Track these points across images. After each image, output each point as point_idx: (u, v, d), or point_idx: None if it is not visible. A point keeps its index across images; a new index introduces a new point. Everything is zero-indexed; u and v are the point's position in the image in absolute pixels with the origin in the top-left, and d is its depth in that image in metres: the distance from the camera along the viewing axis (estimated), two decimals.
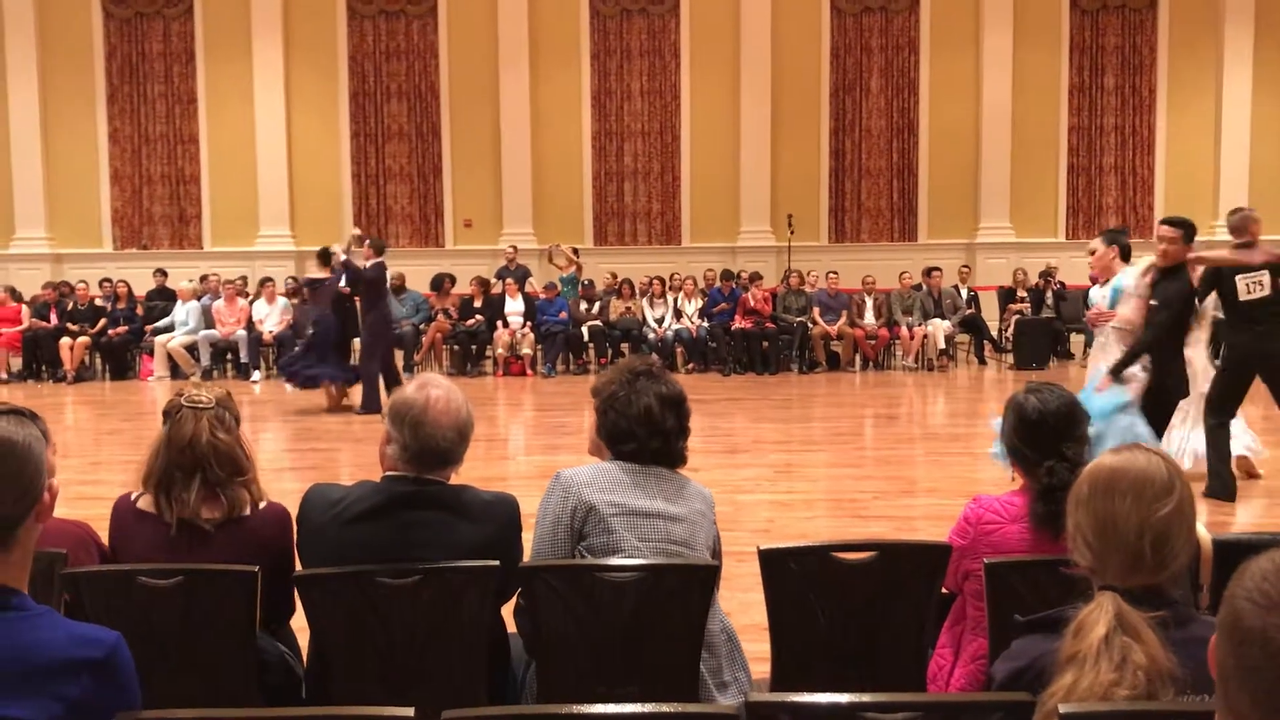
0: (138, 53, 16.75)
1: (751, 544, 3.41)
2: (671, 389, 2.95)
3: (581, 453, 8.63)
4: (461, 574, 2.63)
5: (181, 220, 16.97)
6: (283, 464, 8.86)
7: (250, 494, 2.85)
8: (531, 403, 12.13)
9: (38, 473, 1.82)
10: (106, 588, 2.61)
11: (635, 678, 2.64)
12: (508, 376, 13.93)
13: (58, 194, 16.67)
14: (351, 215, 16.84)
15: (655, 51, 16.78)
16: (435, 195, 16.98)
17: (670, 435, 2.91)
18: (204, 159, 16.84)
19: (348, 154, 16.84)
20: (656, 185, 16.94)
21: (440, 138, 16.83)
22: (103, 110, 16.70)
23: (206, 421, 2.82)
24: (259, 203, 16.62)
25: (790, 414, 11.09)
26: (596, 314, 14.46)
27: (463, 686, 2.63)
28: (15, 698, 1.70)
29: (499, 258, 15.74)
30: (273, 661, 2.80)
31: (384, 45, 16.74)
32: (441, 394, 2.75)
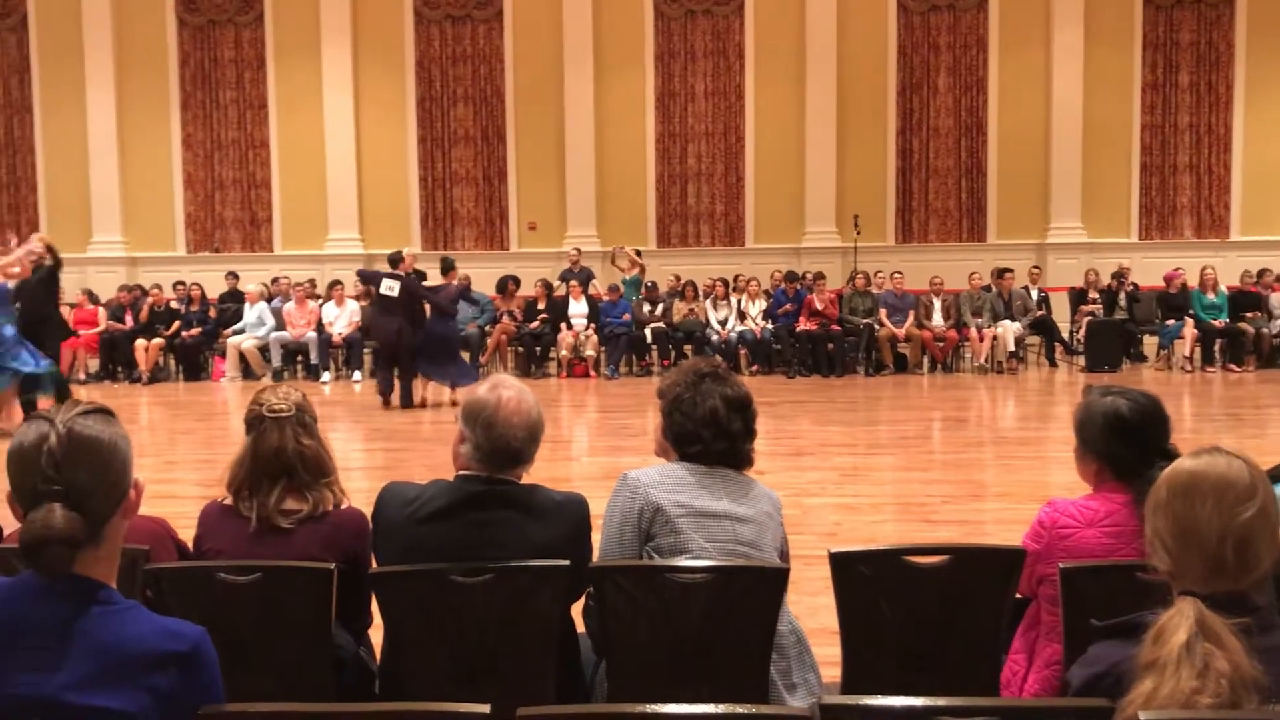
0: (210, 59, 17.09)
1: (819, 547, 3.39)
2: (737, 391, 2.95)
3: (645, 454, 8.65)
4: (532, 573, 2.65)
5: (253, 224, 17.28)
6: (353, 463, 8.99)
7: (332, 494, 2.93)
8: (595, 404, 12.17)
9: (124, 470, 1.87)
10: (187, 584, 2.67)
11: (705, 679, 2.64)
12: (571, 378, 13.99)
13: (133, 198, 17.07)
14: (419, 219, 17.05)
15: (719, 52, 16.75)
16: (500, 198, 17.12)
17: (736, 437, 2.92)
18: (274, 163, 17.14)
19: (415, 158, 17.03)
20: (720, 186, 16.91)
21: (505, 141, 16.96)
22: (176, 116, 17.07)
23: (290, 430, 2.90)
24: (328, 206, 16.88)
25: (856, 417, 11.01)
26: (659, 316, 14.47)
27: (533, 685, 2.65)
28: (108, 689, 1.75)
29: (563, 260, 15.82)
30: (348, 658, 2.84)
31: (450, 50, 16.91)
32: (513, 395, 2.78)
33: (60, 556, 1.80)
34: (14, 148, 17.35)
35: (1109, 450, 2.85)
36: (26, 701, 1.75)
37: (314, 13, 16.65)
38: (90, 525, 1.81)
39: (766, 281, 15.04)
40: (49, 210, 17.24)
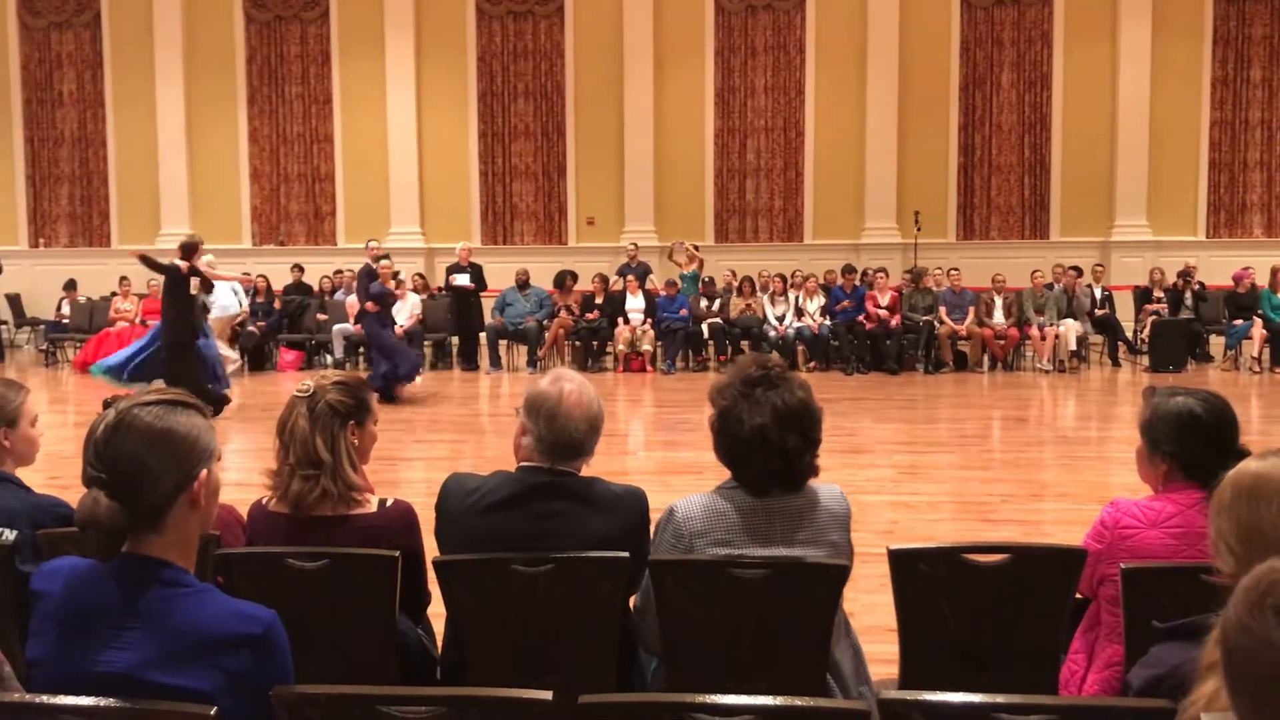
0: (276, 55, 17.36)
1: (876, 545, 3.38)
2: (792, 399, 2.67)
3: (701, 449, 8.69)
4: (593, 564, 2.68)
5: (316, 217, 17.54)
6: (411, 454, 9.10)
7: (334, 488, 2.79)
8: (651, 399, 12.20)
9: (181, 460, 1.89)
10: (255, 569, 2.73)
11: (763, 674, 2.66)
12: (628, 373, 14.04)
13: (201, 191, 17.40)
14: (478, 213, 17.18)
15: (780, 47, 16.70)
16: (559, 193, 17.20)
17: (791, 455, 2.66)
18: (338, 157, 17.38)
19: (475, 152, 17.18)
20: (779, 182, 16.86)
21: (565, 136, 17.05)
22: (243, 111, 17.37)
23: (303, 408, 2.83)
24: (390, 200, 17.08)
25: (915, 414, 10.93)
26: (717, 311, 14.47)
27: (593, 674, 2.68)
28: (184, 669, 1.81)
29: (620, 255, 15.87)
30: (411, 644, 2.89)
31: (511, 45, 17.03)
32: (574, 387, 2.81)
33: (100, 542, 1.85)
34: (87, 142, 17.75)
35: (1182, 451, 2.81)
36: (108, 678, 1.81)
37: (378, 9, 16.84)
38: (141, 513, 1.86)
39: (823, 277, 14.98)
40: (119, 202, 17.64)
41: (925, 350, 14.02)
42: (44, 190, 17.89)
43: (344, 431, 2.85)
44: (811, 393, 2.79)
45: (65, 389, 12.94)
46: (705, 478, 7.74)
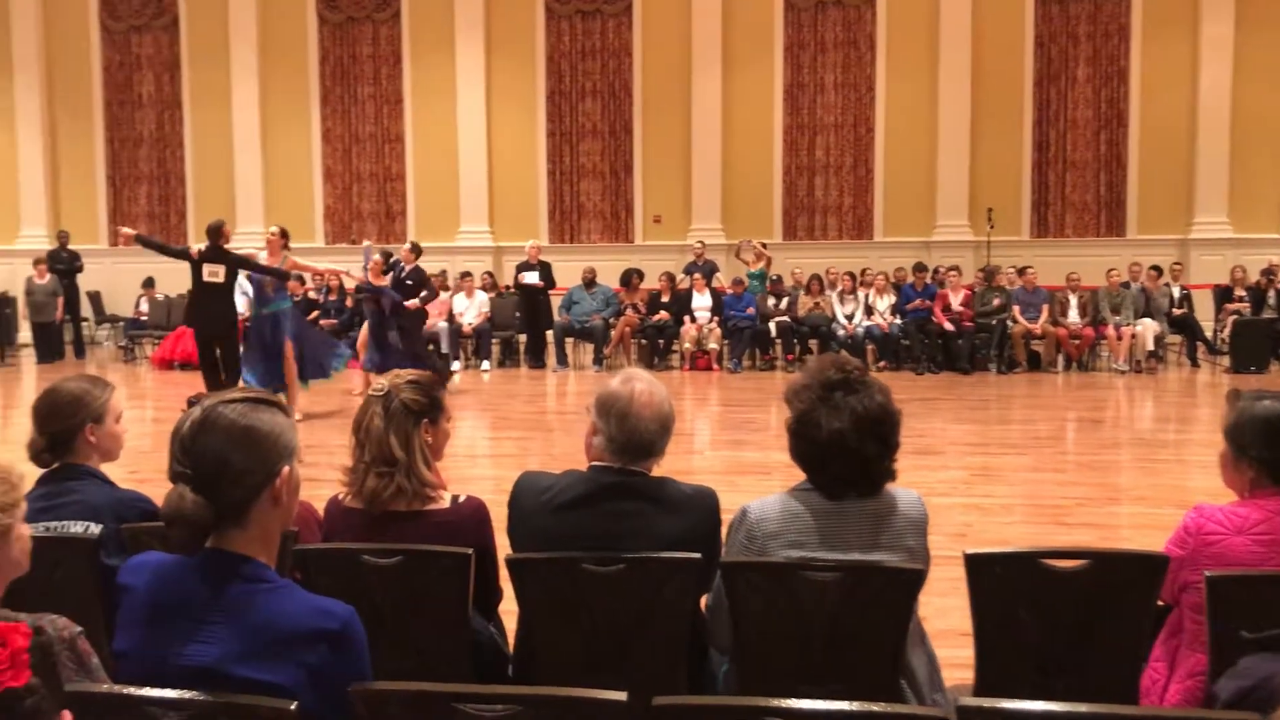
0: (349, 56, 17.60)
1: (948, 548, 3.34)
2: (872, 404, 2.65)
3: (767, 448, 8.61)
4: (664, 565, 2.67)
5: (388, 216, 17.76)
6: (479, 451, 9.18)
7: (408, 485, 2.83)
8: (717, 398, 12.16)
9: (263, 457, 1.93)
10: (332, 565, 2.77)
11: (836, 678, 2.63)
12: (694, 371, 14.02)
13: (275, 191, 17.70)
14: (546, 211, 17.26)
15: (850, 43, 16.56)
16: (626, 192, 17.23)
17: (870, 460, 2.64)
18: (409, 157, 17.57)
19: (544, 151, 17.27)
20: (849, 179, 16.72)
21: (632, 135, 17.07)
22: (316, 111, 17.64)
23: (379, 408, 2.88)
24: (460, 199, 17.23)
25: (988, 415, 10.77)
26: (785, 310, 14.39)
27: (663, 675, 2.67)
28: (265, 663, 1.84)
29: (687, 253, 15.85)
30: (483, 641, 2.91)
31: (580, 44, 17.09)
32: (645, 387, 2.81)
33: (185, 537, 1.89)
34: (164, 142, 18.15)
35: (1271, 456, 2.73)
36: (193, 671, 1.85)
37: (448, 9, 17.00)
38: (225, 508, 1.89)
39: (893, 276, 14.84)
40: (196, 202, 18.01)
41: (998, 350, 13.80)
42: (123, 190, 18.33)
43: (418, 430, 2.89)
44: (891, 397, 2.75)
45: (144, 385, 13.23)
46: (772, 478, 7.72)
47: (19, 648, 1.25)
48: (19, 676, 1.25)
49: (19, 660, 1.25)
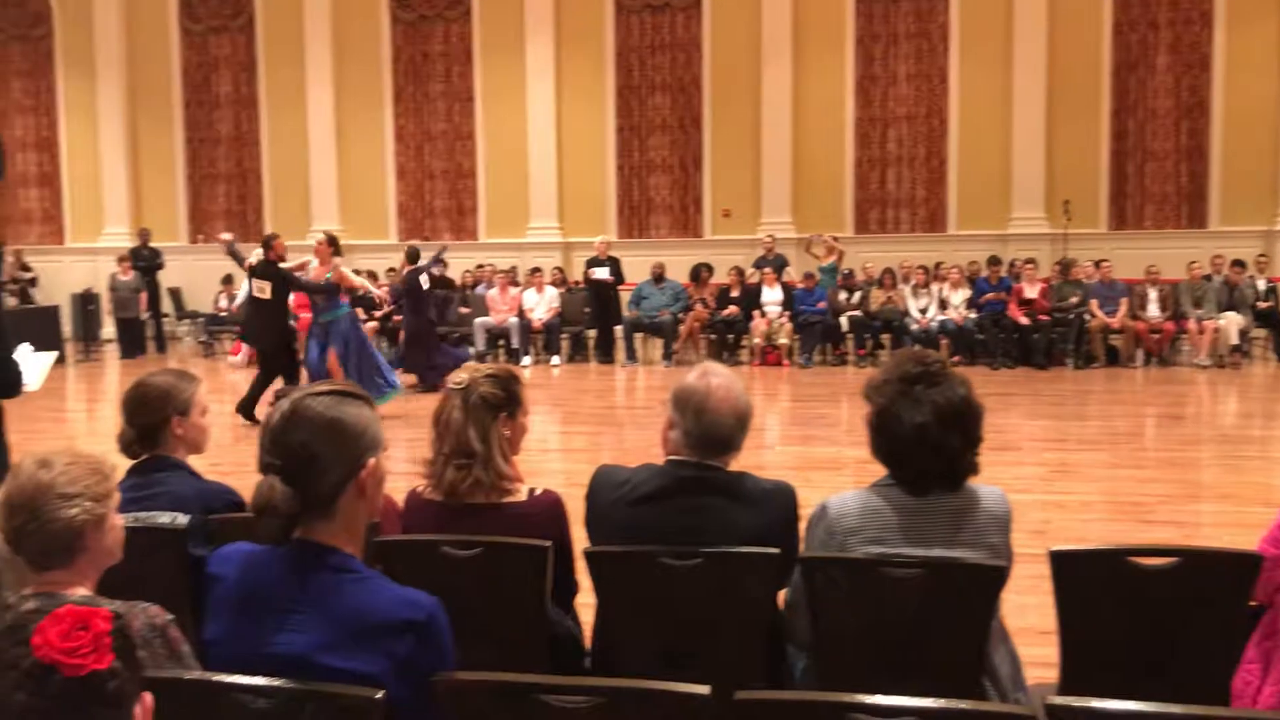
0: (420, 54, 17.78)
1: (1026, 545, 3.28)
2: (954, 396, 2.60)
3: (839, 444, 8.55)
4: (742, 559, 2.66)
5: (459, 213, 17.92)
6: (550, 445, 9.23)
7: (486, 478, 2.85)
8: (788, 393, 12.09)
9: (349, 449, 1.96)
10: (412, 556, 2.79)
11: (916, 676, 2.60)
12: (764, 366, 13.95)
13: (349, 188, 17.95)
14: (615, 206, 17.29)
15: (923, 34, 16.34)
16: (695, 186, 17.19)
17: (953, 454, 2.60)
18: (479, 154, 17.70)
19: (613, 147, 17.29)
20: (922, 171, 16.50)
21: (701, 129, 17.02)
22: (389, 110, 17.85)
23: (458, 400, 2.90)
24: (530, 195, 17.32)
25: (1065, 411, 10.57)
26: (857, 304, 14.26)
27: (741, 670, 2.66)
28: (352, 652, 1.86)
29: (757, 247, 15.77)
30: (561, 633, 2.92)
31: (649, 39, 17.08)
32: (722, 382, 2.80)
33: (273, 527, 1.92)
34: (242, 141, 18.50)
35: None
36: (283, 660, 1.88)
37: (519, 6, 17.09)
38: (313, 500, 1.92)
39: (967, 269, 14.62)
40: (273, 200, 18.33)
41: (1075, 344, 13.53)
42: (202, 188, 18.72)
43: (495, 423, 2.91)
44: (973, 389, 2.70)
45: (223, 379, 13.49)
46: (844, 474, 7.67)
47: (101, 631, 1.30)
48: (102, 659, 1.29)
49: (101, 644, 1.29)
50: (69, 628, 1.29)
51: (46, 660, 1.27)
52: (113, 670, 1.30)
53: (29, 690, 1.28)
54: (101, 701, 1.29)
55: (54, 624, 1.29)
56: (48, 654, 1.27)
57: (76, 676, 1.28)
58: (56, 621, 1.29)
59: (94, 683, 1.28)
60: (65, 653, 1.27)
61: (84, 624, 1.29)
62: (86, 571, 2.12)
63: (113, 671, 1.30)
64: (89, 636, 1.29)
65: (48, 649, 1.27)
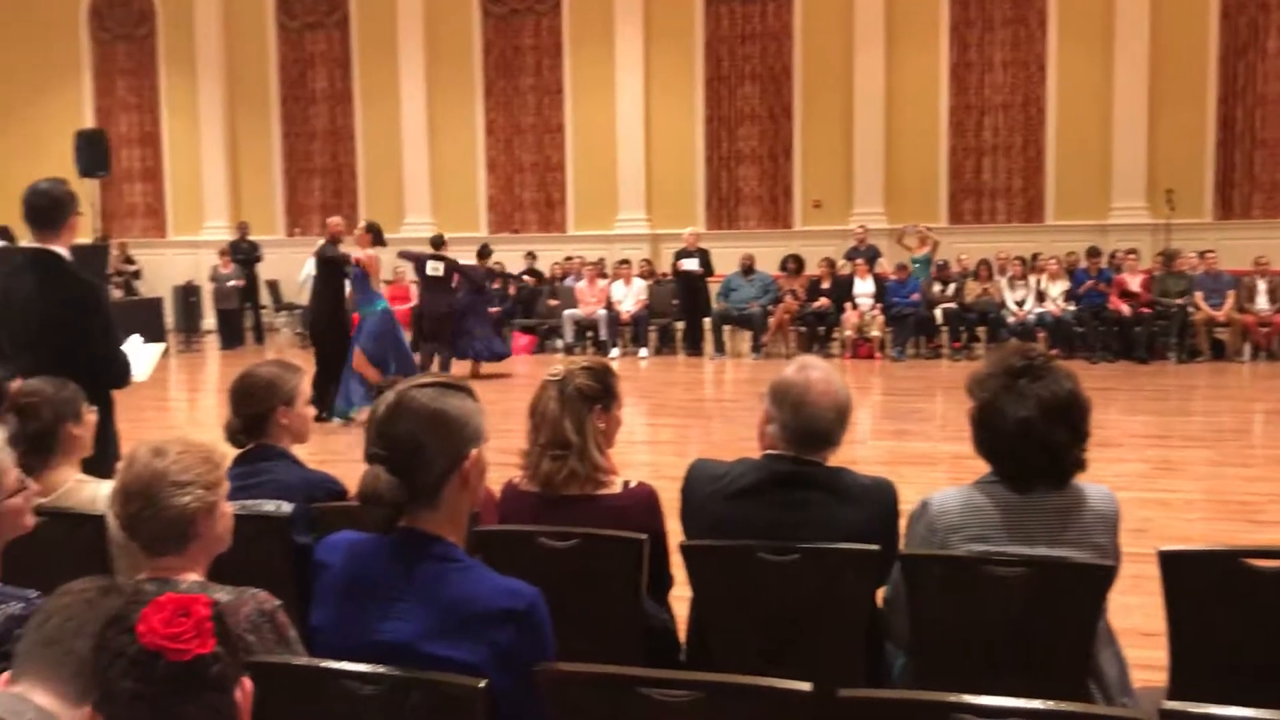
0: (511, 48, 17.92)
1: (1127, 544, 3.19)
2: (1060, 390, 2.53)
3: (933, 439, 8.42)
4: (841, 556, 2.63)
5: (548, 205, 18.03)
6: (637, 437, 9.24)
7: (581, 469, 2.86)
8: (880, 386, 11.95)
9: (453, 441, 1.98)
10: (509, 547, 2.82)
11: (1019, 677, 2.54)
12: (855, 359, 13.81)
13: (441, 182, 18.18)
14: (703, 198, 17.24)
15: (1019, 20, 15.97)
16: (785, 176, 17.06)
17: (1058, 450, 2.52)
18: (568, 147, 17.79)
19: (701, 138, 17.23)
20: (1018, 160, 16.15)
21: (792, 118, 16.87)
22: (480, 104, 18.02)
23: (553, 391, 2.91)
24: (618, 187, 17.36)
25: (1168, 406, 10.29)
26: (951, 296, 14.03)
27: (839, 667, 2.63)
28: (455, 640, 1.88)
29: (848, 238, 15.61)
30: (656, 626, 2.92)
31: (739, 29, 16.98)
32: (821, 375, 2.76)
33: (380, 516, 1.95)
34: (336, 136, 18.85)
35: None
36: (388, 647, 1.91)
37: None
38: (418, 489, 1.94)
39: (1065, 260, 14.29)
40: (366, 193, 18.65)
41: (1179, 338, 13.13)
42: (299, 182, 19.11)
43: (591, 415, 2.92)
44: (1078, 382, 2.62)
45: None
46: (938, 469, 7.55)
47: (203, 616, 1.34)
48: (205, 644, 1.33)
49: (203, 629, 1.33)
50: (171, 614, 1.32)
51: (151, 647, 1.31)
52: (215, 654, 1.33)
53: (136, 677, 1.31)
54: (205, 685, 1.32)
55: (156, 611, 1.32)
56: (152, 640, 1.31)
57: (181, 661, 1.31)
58: (159, 609, 1.32)
59: (198, 667, 1.32)
60: (169, 638, 1.31)
61: (185, 610, 1.32)
62: (198, 558, 2.18)
63: (215, 655, 1.33)
64: (191, 622, 1.32)
65: (152, 636, 1.31)
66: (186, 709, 1.32)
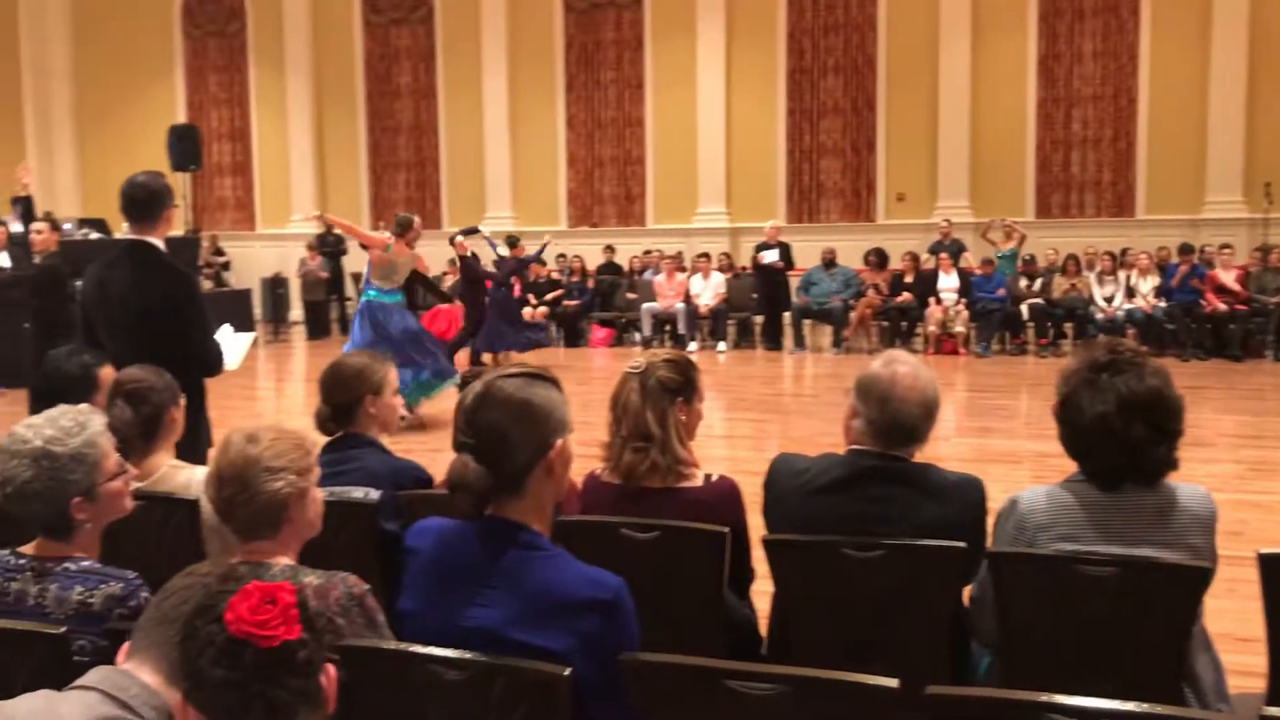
0: (593, 42, 17.97)
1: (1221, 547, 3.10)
2: (1141, 386, 2.46)
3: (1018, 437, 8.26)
4: (926, 552, 2.60)
5: (627, 199, 18.06)
6: (715, 431, 9.20)
7: (663, 461, 2.84)
8: (964, 383, 11.76)
9: (545, 429, 1.99)
10: (592, 537, 2.82)
11: (1109, 679, 2.48)
12: (939, 355, 13.60)
13: (522, 176, 18.30)
14: (784, 191, 17.12)
15: (1110, 10, 15.58)
16: (868, 169, 16.88)
17: (1139, 446, 2.44)
18: (649, 140, 17.79)
19: (783, 131, 17.11)
20: (1108, 153, 15.77)
21: (875, 110, 16.67)
22: (561, 98, 18.10)
23: (636, 382, 2.91)
24: (698, 181, 17.31)
25: (1264, 405, 9.96)
26: (1038, 291, 13.76)
27: (923, 665, 2.60)
28: (541, 628, 1.90)
29: (932, 232, 15.38)
30: (737, 620, 2.91)
31: (822, 20, 16.82)
32: (909, 370, 2.73)
33: (467, 504, 1.97)
34: (420, 130, 19.07)
35: None
36: (475, 633, 1.93)
37: None
38: (504, 478, 1.96)
39: (1156, 255, 13.92)
40: (449, 187, 18.85)
41: (1276, 335, 12.73)
42: (383, 176, 19.38)
43: (673, 407, 2.91)
44: (1169, 380, 2.55)
45: None
46: (1023, 468, 7.42)
47: (288, 603, 1.36)
48: (292, 630, 1.35)
49: (290, 615, 1.35)
50: (258, 602, 1.35)
51: (240, 635, 1.33)
52: (302, 640, 1.35)
53: (226, 664, 1.34)
54: (293, 670, 1.35)
55: (243, 600, 1.35)
56: (241, 629, 1.34)
57: (270, 648, 1.33)
58: (245, 598, 1.35)
59: (285, 653, 1.34)
60: (257, 625, 1.33)
61: (271, 598, 1.35)
62: (289, 542, 2.23)
63: (302, 641, 1.35)
64: (278, 609, 1.35)
65: (240, 624, 1.34)
66: (276, 694, 1.35)
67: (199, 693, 1.36)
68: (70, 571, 2.25)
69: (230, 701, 1.34)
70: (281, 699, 1.36)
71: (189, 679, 1.37)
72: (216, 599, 1.38)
